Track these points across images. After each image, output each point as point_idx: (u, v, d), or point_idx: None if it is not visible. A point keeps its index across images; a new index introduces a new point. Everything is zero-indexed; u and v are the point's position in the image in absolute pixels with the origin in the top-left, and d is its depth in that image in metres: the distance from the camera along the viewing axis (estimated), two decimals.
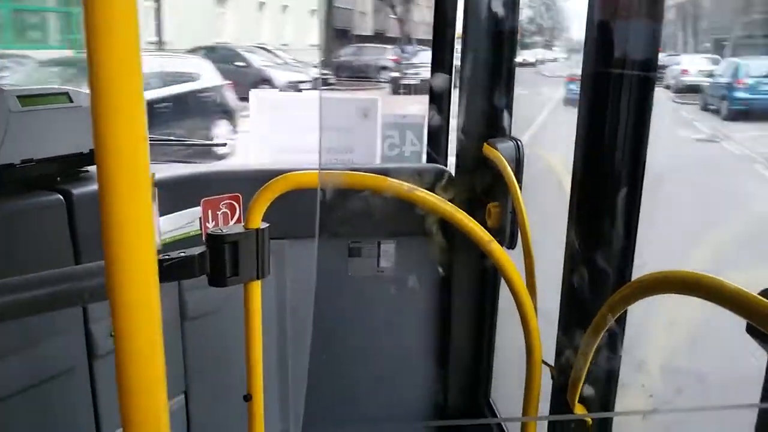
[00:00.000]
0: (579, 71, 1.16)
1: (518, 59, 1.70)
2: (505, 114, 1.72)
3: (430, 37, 1.95)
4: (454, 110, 1.90)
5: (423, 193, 1.36)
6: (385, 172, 1.40)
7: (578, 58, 1.17)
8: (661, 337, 2.36)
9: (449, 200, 1.44)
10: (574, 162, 1.17)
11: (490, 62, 1.70)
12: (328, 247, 1.72)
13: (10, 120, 1.32)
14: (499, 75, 1.70)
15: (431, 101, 1.99)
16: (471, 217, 1.38)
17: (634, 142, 1.06)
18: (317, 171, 1.26)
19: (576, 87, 1.15)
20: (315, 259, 1.40)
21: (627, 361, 1.15)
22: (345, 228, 1.60)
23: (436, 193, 1.39)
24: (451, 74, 1.97)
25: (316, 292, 1.28)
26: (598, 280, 1.13)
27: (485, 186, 1.70)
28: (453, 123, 1.92)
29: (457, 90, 1.83)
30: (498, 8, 1.65)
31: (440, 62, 1.96)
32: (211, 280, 1.08)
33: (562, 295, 1.27)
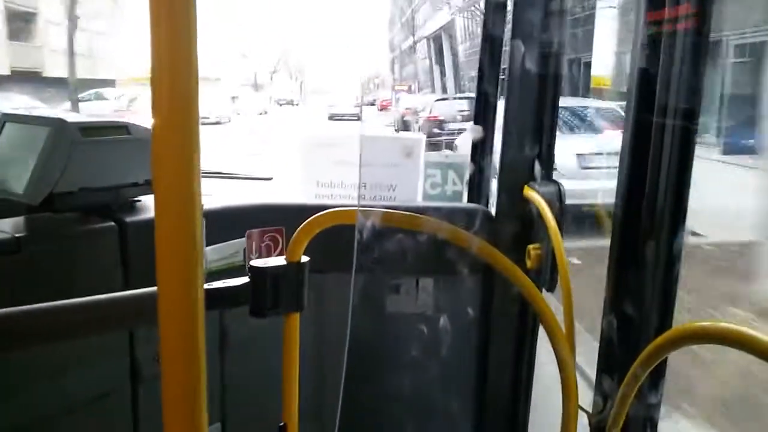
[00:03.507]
0: None
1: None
2: (547, 157, 1.73)
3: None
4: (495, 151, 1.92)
5: (462, 234, 1.37)
6: (426, 211, 1.42)
7: None
8: None
9: (489, 241, 1.45)
10: (615, 209, 1.18)
11: (533, 105, 1.72)
12: (366, 283, 1.74)
13: (72, 150, 1.40)
14: (541, 118, 1.72)
15: (474, 143, 2.01)
16: (509, 259, 1.39)
17: (675, 192, 1.06)
18: (358, 208, 1.29)
19: None
20: (352, 294, 1.42)
21: None
22: (383, 265, 1.62)
23: (476, 234, 1.41)
24: (494, 116, 1.99)
25: (351, 328, 1.30)
26: (637, 327, 1.12)
27: (525, 228, 1.70)
28: (495, 164, 1.93)
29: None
30: (541, 53, 1.67)
31: (484, 103, 1.99)
32: (253, 310, 1.12)
33: (600, 340, 1.26)
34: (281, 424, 1.22)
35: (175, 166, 0.58)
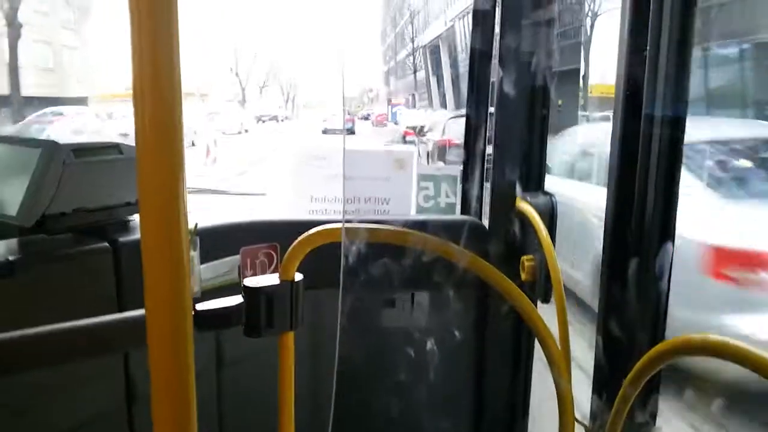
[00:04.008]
0: None
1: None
2: (539, 168, 1.74)
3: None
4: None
5: (454, 248, 1.38)
6: (420, 224, 1.42)
7: None
8: None
9: (483, 253, 1.45)
10: (605, 225, 1.18)
11: (523, 117, 1.73)
12: (361, 299, 1.74)
13: (64, 171, 1.40)
14: (532, 129, 1.73)
15: (466, 155, 2.02)
16: (501, 272, 1.39)
17: (664, 205, 1.07)
18: (352, 225, 1.29)
19: None
20: (344, 309, 1.42)
21: None
22: (377, 281, 1.62)
23: (469, 246, 1.41)
24: (485, 128, 2.00)
25: (347, 345, 1.29)
26: (631, 341, 1.13)
27: (519, 240, 1.70)
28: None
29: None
30: (531, 65, 1.68)
31: (475, 116, 2.00)
32: (247, 330, 1.11)
33: (596, 354, 1.26)
34: None
35: (160, 185, 0.57)
